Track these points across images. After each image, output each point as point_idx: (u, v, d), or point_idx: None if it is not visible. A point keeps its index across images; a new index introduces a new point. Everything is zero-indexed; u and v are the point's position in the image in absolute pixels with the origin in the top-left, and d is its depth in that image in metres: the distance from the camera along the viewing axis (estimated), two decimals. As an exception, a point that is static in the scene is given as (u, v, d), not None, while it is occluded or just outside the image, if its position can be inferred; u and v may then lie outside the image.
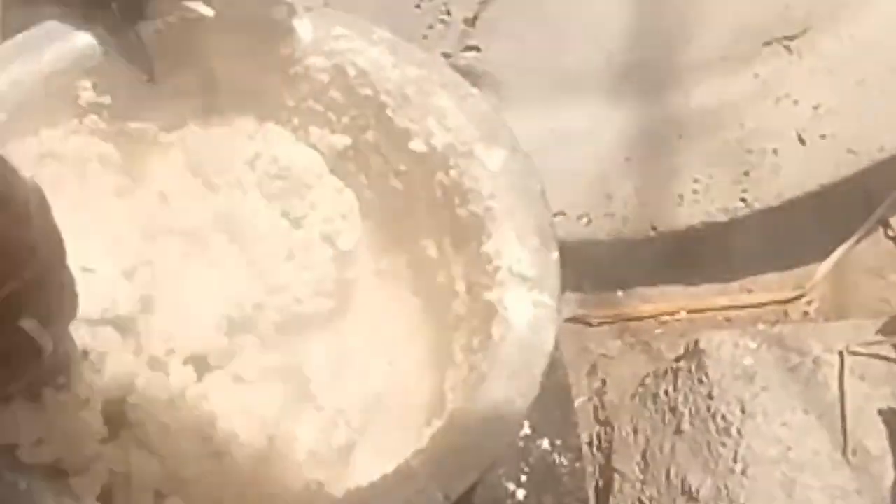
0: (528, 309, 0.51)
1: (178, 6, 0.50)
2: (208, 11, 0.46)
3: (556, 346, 0.66)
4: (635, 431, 0.79)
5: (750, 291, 0.91)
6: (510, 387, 0.49)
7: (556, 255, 0.52)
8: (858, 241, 0.91)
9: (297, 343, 0.58)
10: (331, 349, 0.60)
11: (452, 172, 0.55)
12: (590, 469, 0.83)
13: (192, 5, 0.45)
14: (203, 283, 0.55)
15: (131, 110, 0.57)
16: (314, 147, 0.58)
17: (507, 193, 0.53)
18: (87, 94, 0.56)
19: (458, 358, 0.55)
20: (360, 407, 0.58)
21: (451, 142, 0.54)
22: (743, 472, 0.70)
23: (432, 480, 0.47)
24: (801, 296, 0.90)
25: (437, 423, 0.51)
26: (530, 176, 0.54)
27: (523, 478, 0.61)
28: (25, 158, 0.53)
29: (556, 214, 0.83)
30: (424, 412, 0.57)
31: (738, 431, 0.71)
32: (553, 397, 0.64)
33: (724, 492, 0.70)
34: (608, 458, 0.81)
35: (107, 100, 0.56)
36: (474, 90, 0.55)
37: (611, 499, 0.79)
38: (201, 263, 0.56)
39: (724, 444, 0.72)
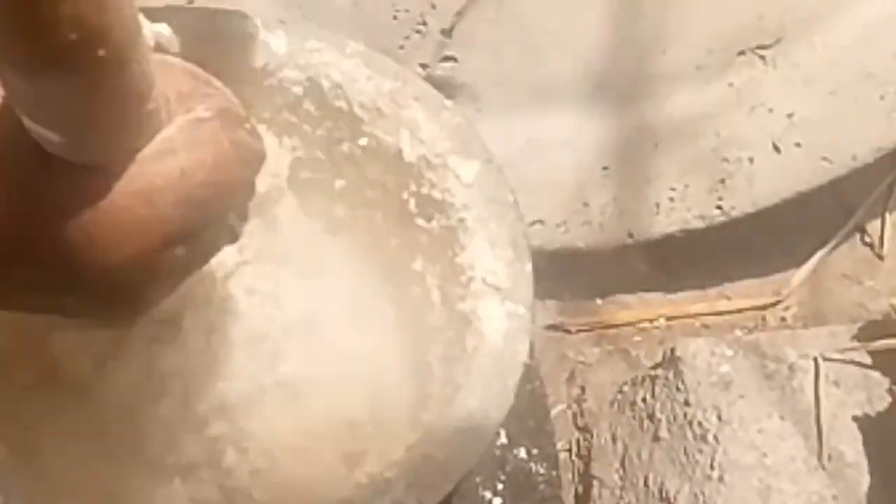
0: (502, 320, 0.51)
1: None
2: (166, 31, 0.47)
3: (532, 356, 0.67)
4: (614, 438, 0.80)
5: (728, 298, 0.92)
6: (484, 398, 0.50)
7: (529, 266, 0.52)
8: (835, 248, 0.92)
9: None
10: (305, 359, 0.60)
11: (425, 184, 0.55)
12: (568, 476, 0.84)
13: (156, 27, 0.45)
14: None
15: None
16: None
17: (480, 205, 0.54)
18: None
19: (435, 370, 0.56)
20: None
21: (424, 154, 0.55)
22: (720, 479, 0.70)
23: (408, 492, 0.47)
24: (779, 302, 0.91)
25: (413, 436, 0.52)
26: (503, 188, 0.54)
27: (500, 486, 0.62)
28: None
29: (534, 223, 0.84)
30: (404, 424, 0.57)
31: (715, 438, 0.72)
32: (529, 407, 0.64)
33: (701, 498, 0.71)
34: (587, 464, 0.82)
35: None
36: (448, 103, 0.56)
37: (590, 505, 0.80)
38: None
39: (700, 451, 0.72)
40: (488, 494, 0.61)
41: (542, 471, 0.63)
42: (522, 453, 0.63)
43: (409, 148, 0.55)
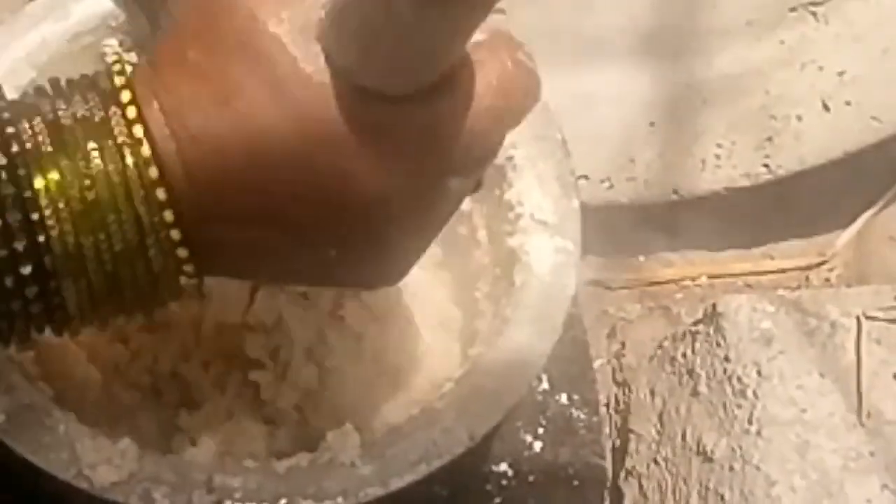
0: (550, 255, 0.52)
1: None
2: None
3: (575, 304, 0.67)
4: (652, 393, 0.80)
5: (772, 258, 0.92)
6: (532, 330, 0.50)
7: (576, 202, 0.53)
8: (882, 209, 0.91)
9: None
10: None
11: (475, 123, 0.55)
12: (606, 430, 0.84)
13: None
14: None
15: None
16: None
17: (528, 143, 0.54)
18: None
19: (482, 306, 0.56)
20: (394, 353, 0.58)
21: (474, 93, 0.55)
22: (758, 433, 0.71)
23: (458, 421, 0.48)
24: (824, 262, 0.91)
25: (462, 369, 0.52)
26: (551, 125, 0.55)
27: (540, 430, 0.62)
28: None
29: (578, 178, 0.82)
30: (450, 361, 0.58)
31: (754, 393, 0.72)
32: (571, 353, 0.65)
33: (738, 452, 0.71)
34: (625, 419, 0.82)
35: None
36: (498, 41, 0.56)
37: (626, 459, 0.80)
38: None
39: (739, 406, 0.72)
40: (529, 438, 0.62)
41: (582, 416, 0.63)
42: (564, 399, 0.64)
43: (459, 86, 0.55)
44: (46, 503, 0.50)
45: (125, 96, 0.36)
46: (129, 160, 0.35)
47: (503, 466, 0.60)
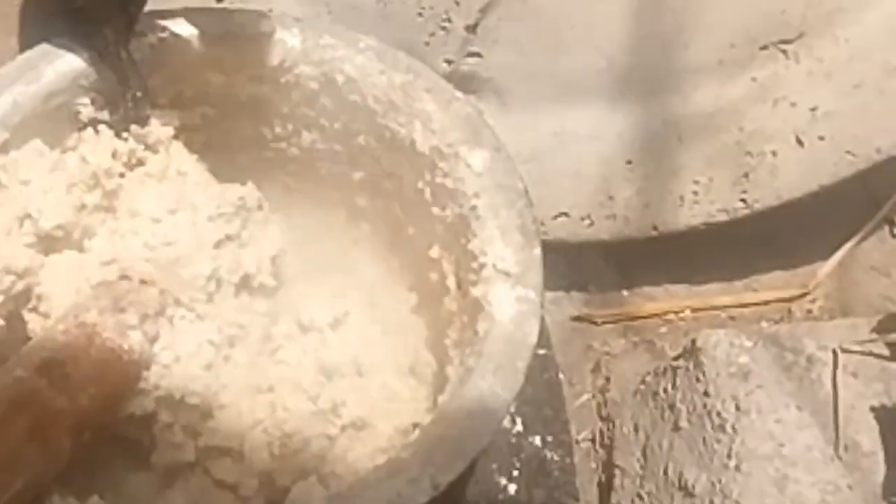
0: (512, 304, 0.53)
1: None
2: (191, 31, 0.49)
3: (549, 346, 0.68)
4: (636, 428, 0.81)
5: (755, 290, 0.92)
6: (495, 380, 0.51)
7: (538, 251, 0.54)
8: (863, 240, 0.92)
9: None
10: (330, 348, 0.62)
11: (439, 174, 0.57)
12: (592, 465, 0.85)
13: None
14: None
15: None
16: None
17: (490, 193, 0.55)
18: (86, 110, 0.59)
19: (451, 353, 0.57)
20: (356, 404, 0.59)
21: (436, 144, 0.56)
22: (737, 468, 0.71)
23: (422, 471, 0.48)
24: (806, 294, 0.91)
25: (430, 416, 0.53)
26: (513, 175, 0.56)
27: (515, 473, 0.63)
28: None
29: (558, 215, 0.85)
30: (418, 406, 0.59)
31: (733, 428, 0.72)
32: (545, 395, 0.66)
33: (718, 487, 0.72)
34: (610, 454, 0.83)
35: (105, 115, 0.59)
36: (458, 94, 0.57)
37: (612, 494, 0.81)
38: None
39: (718, 441, 0.73)
40: (503, 480, 0.63)
41: (556, 458, 0.64)
42: (538, 441, 0.64)
43: (422, 138, 0.57)
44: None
45: None
46: None
47: (478, 510, 0.61)
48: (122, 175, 0.59)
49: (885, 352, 0.74)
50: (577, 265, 0.88)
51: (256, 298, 0.59)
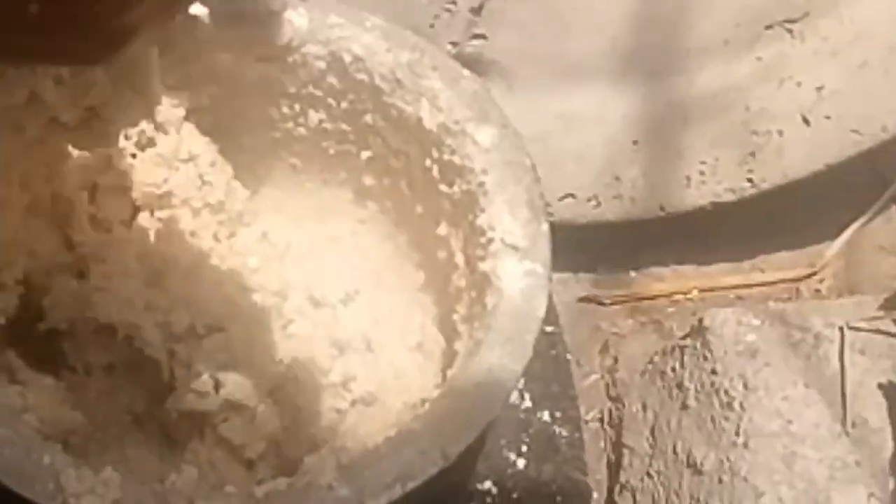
0: (520, 278, 0.53)
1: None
2: (202, 11, 0.49)
3: (557, 324, 0.68)
4: (644, 408, 0.81)
5: (762, 270, 0.93)
6: (504, 352, 0.52)
7: (545, 226, 0.54)
8: (871, 219, 0.92)
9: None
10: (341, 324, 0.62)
11: (446, 151, 0.57)
12: (601, 445, 0.85)
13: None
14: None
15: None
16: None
17: (498, 169, 0.56)
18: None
19: (460, 328, 0.58)
20: (366, 379, 0.60)
21: (443, 121, 0.57)
22: (745, 445, 0.71)
23: (432, 442, 0.49)
24: (813, 274, 0.91)
25: (438, 391, 0.54)
26: (520, 151, 0.56)
27: (524, 448, 0.63)
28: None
29: (564, 197, 0.85)
30: (426, 382, 0.60)
31: (741, 406, 0.73)
32: (553, 372, 0.66)
33: (726, 464, 0.72)
34: (619, 433, 0.83)
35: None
36: (465, 71, 0.58)
37: (621, 473, 0.81)
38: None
39: (727, 419, 0.73)
40: (512, 455, 0.63)
41: (564, 433, 0.65)
42: (546, 416, 0.65)
43: (429, 116, 0.57)
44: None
45: None
46: None
47: (487, 484, 0.61)
48: (133, 156, 0.59)
49: (893, 329, 0.74)
50: (584, 246, 0.88)
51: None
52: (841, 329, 0.75)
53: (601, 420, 0.87)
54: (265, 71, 0.61)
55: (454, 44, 0.79)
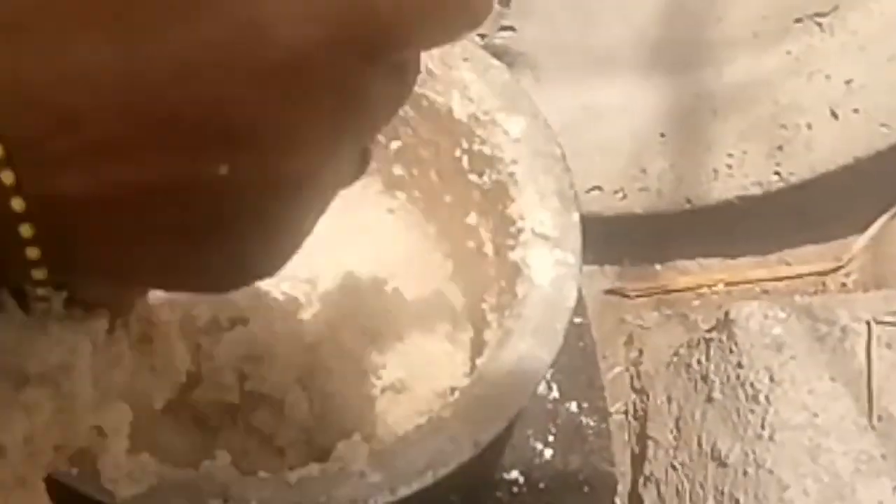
0: (551, 267, 0.54)
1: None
2: None
3: (585, 315, 0.69)
4: (669, 400, 0.81)
5: (788, 264, 0.93)
6: (534, 341, 0.52)
7: (576, 216, 0.54)
8: (899, 214, 0.92)
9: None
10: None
11: (476, 141, 0.57)
12: (625, 437, 0.86)
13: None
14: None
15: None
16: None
17: (528, 159, 0.56)
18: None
19: (489, 317, 0.58)
20: (396, 367, 0.60)
21: (473, 111, 0.57)
22: (770, 438, 0.72)
23: (463, 429, 0.49)
24: (840, 267, 0.91)
25: (468, 379, 0.54)
26: (550, 141, 0.56)
27: (551, 438, 0.64)
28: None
29: (591, 189, 0.85)
30: (455, 370, 0.60)
31: (767, 398, 0.73)
32: (580, 363, 0.66)
33: (751, 456, 0.72)
34: (643, 425, 0.83)
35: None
36: (496, 62, 0.58)
37: (645, 465, 0.81)
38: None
39: (752, 411, 0.73)
40: (539, 445, 0.63)
41: (592, 423, 0.65)
42: (573, 407, 0.65)
43: (460, 107, 0.57)
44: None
45: None
46: None
47: (514, 474, 0.62)
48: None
49: (920, 322, 0.74)
50: (610, 239, 0.88)
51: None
52: (868, 323, 0.75)
53: (625, 412, 0.87)
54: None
55: (482, 35, 0.79)
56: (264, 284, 0.59)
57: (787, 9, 0.80)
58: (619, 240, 0.90)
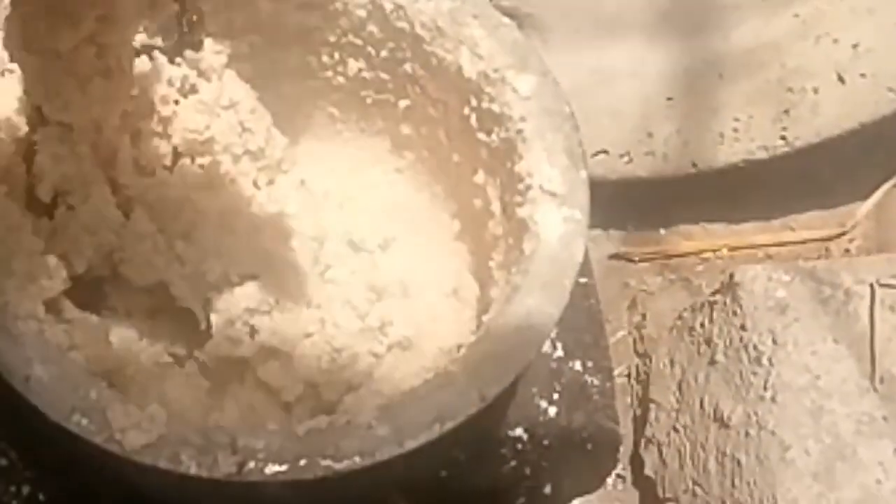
0: (558, 224, 0.54)
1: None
2: None
3: (590, 275, 0.69)
4: (672, 363, 0.82)
5: (792, 229, 0.93)
6: (542, 296, 0.52)
7: (584, 173, 0.55)
8: (902, 180, 0.92)
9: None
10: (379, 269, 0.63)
11: (485, 99, 0.57)
12: (628, 400, 0.86)
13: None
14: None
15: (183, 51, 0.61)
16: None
17: (537, 116, 0.56)
18: (140, 36, 0.59)
19: (495, 275, 0.58)
20: (402, 324, 0.61)
21: (483, 69, 0.57)
22: (773, 400, 0.72)
23: (469, 383, 0.50)
24: (844, 233, 0.91)
25: (475, 336, 0.55)
26: (559, 99, 0.56)
27: (555, 396, 0.64)
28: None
29: (597, 153, 0.85)
30: (462, 328, 0.60)
31: (770, 361, 0.73)
32: (585, 322, 0.66)
33: (753, 418, 0.73)
34: (646, 389, 0.84)
35: (158, 41, 0.60)
36: (506, 19, 0.58)
37: (647, 427, 0.82)
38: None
39: (755, 374, 0.74)
40: (544, 403, 0.64)
41: (596, 382, 0.65)
42: (578, 366, 0.65)
43: (469, 64, 0.57)
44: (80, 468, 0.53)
45: None
46: None
47: (519, 431, 0.62)
48: (176, 102, 0.60)
49: (924, 286, 0.75)
50: (616, 203, 0.88)
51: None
52: (871, 286, 0.75)
53: (628, 376, 0.87)
54: (306, 19, 0.62)
55: (490, -3, 0.79)
56: (272, 242, 0.59)
57: (796, -28, 0.80)
58: (623, 204, 0.90)
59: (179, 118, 0.60)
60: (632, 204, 0.90)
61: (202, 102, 0.60)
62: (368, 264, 0.60)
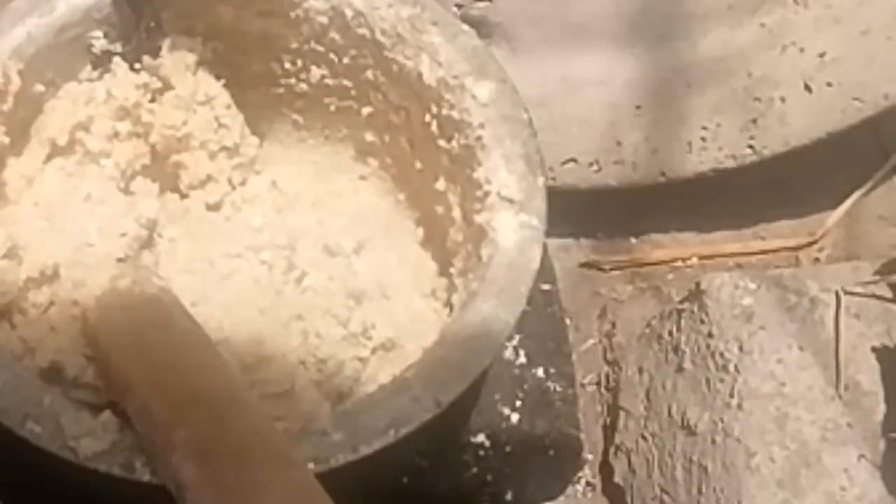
0: (515, 230, 0.54)
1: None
2: None
3: (553, 282, 0.69)
4: (640, 371, 0.82)
5: (762, 238, 0.93)
6: (498, 303, 0.52)
7: (542, 180, 0.55)
8: (872, 189, 0.92)
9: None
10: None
11: (445, 105, 0.57)
12: (598, 408, 0.86)
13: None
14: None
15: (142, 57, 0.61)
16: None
17: (495, 123, 0.56)
18: (99, 42, 0.60)
19: (456, 282, 0.59)
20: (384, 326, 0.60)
21: (442, 76, 0.57)
22: (739, 407, 0.72)
23: (426, 389, 0.50)
24: (813, 242, 0.92)
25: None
26: (518, 106, 0.56)
27: (518, 403, 0.64)
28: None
29: (567, 161, 0.86)
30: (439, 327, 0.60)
31: (736, 368, 0.74)
32: (548, 329, 0.67)
33: (720, 425, 0.73)
34: (615, 396, 0.84)
35: (118, 48, 0.60)
36: (465, 27, 0.58)
37: (616, 435, 0.82)
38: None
39: (721, 381, 0.74)
40: (507, 410, 0.64)
41: (558, 389, 0.65)
42: (540, 372, 0.65)
43: (429, 71, 0.58)
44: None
45: None
46: None
47: (481, 437, 0.62)
48: (152, 101, 0.60)
49: (888, 293, 0.75)
50: (586, 211, 0.88)
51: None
52: (837, 293, 0.75)
53: (598, 384, 0.87)
54: (267, 26, 0.62)
55: (459, 6, 0.79)
56: (244, 250, 0.59)
57: (762, -19, 0.80)
58: (593, 213, 0.90)
59: (156, 115, 0.60)
60: (602, 212, 0.90)
61: (178, 97, 0.60)
62: (345, 269, 0.60)
